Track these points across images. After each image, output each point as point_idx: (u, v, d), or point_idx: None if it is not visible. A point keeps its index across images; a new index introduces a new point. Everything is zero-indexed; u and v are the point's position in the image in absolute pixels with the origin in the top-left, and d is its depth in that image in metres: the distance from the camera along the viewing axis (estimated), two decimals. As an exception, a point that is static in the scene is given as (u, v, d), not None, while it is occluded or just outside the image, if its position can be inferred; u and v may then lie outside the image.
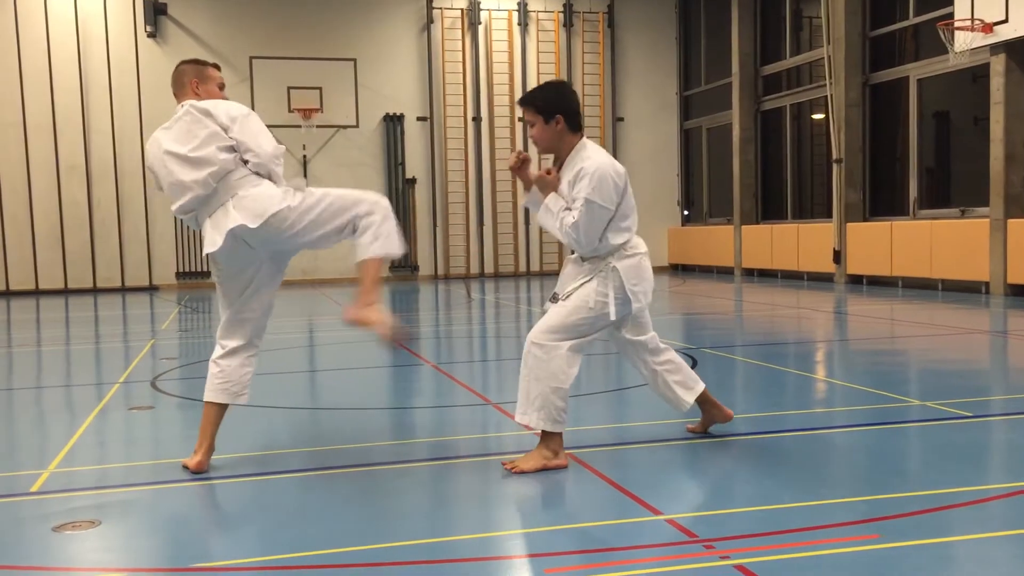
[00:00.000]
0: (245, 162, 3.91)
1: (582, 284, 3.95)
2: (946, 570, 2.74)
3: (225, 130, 3.88)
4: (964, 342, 7.90)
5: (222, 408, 4.06)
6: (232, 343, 4.09)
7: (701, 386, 4.29)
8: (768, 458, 4.06)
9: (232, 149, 3.89)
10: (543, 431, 3.88)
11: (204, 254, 3.99)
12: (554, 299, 4.02)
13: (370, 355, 7.90)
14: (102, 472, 4.15)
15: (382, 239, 3.95)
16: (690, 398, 4.26)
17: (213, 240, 3.88)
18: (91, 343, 9.52)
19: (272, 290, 4.20)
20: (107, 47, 17.25)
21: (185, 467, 3.97)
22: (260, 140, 3.93)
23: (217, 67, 4.22)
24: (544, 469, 3.82)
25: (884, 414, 4.90)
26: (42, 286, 17.23)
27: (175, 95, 4.12)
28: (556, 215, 3.95)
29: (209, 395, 4.04)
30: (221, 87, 4.15)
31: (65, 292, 17.25)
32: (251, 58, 17.49)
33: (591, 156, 3.95)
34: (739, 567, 2.73)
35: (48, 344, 9.50)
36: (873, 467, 3.90)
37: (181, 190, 3.90)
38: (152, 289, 17.65)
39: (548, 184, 4.02)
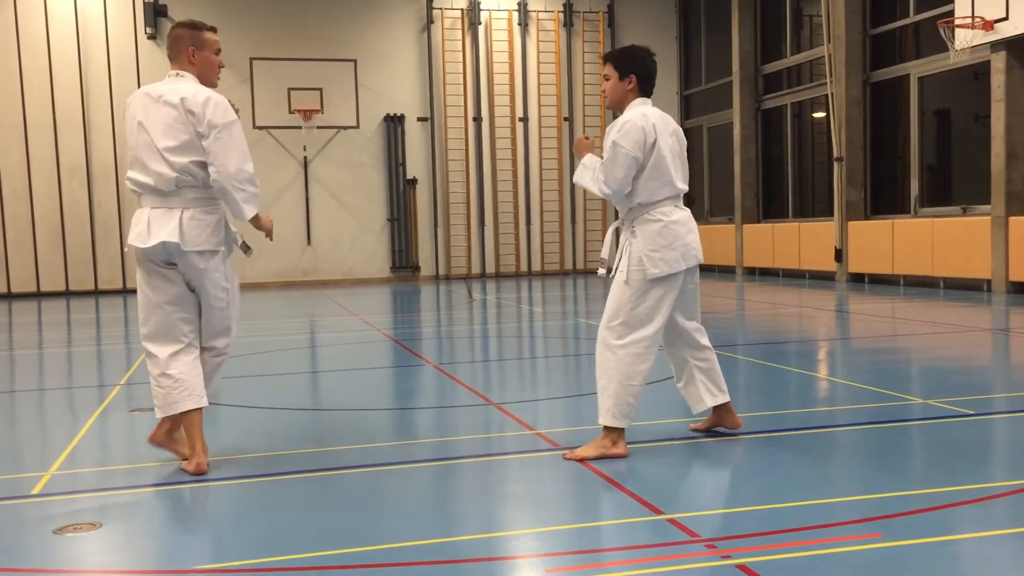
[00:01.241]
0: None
1: (620, 258, 4.14)
2: (949, 569, 2.73)
3: (201, 137, 3.84)
4: (966, 340, 7.89)
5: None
6: (168, 348, 3.99)
7: (726, 398, 4.32)
8: (770, 457, 4.06)
9: (207, 167, 3.86)
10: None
11: (128, 243, 3.97)
12: (602, 263, 4.24)
13: (372, 356, 7.90)
14: (104, 474, 4.15)
15: (210, 388, 4.12)
16: (710, 402, 4.30)
17: (143, 238, 3.87)
18: (92, 345, 9.52)
19: (194, 303, 4.06)
20: (107, 49, 17.25)
21: (184, 470, 3.97)
22: (228, 158, 3.85)
23: (214, 29, 4.15)
24: (603, 457, 3.97)
25: (886, 412, 4.89)
26: (43, 288, 17.23)
27: (170, 59, 4.05)
28: (590, 168, 4.17)
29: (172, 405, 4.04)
30: (217, 52, 4.09)
31: (66, 294, 17.25)
32: (251, 59, 17.50)
33: (632, 112, 4.11)
34: (741, 567, 2.72)
35: (50, 346, 9.51)
36: (875, 466, 3.89)
37: (142, 170, 3.89)
38: (153, 290, 17.62)
39: (583, 146, 4.28)
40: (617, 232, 4.30)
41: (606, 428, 4.04)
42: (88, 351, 9.00)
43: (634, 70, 4.16)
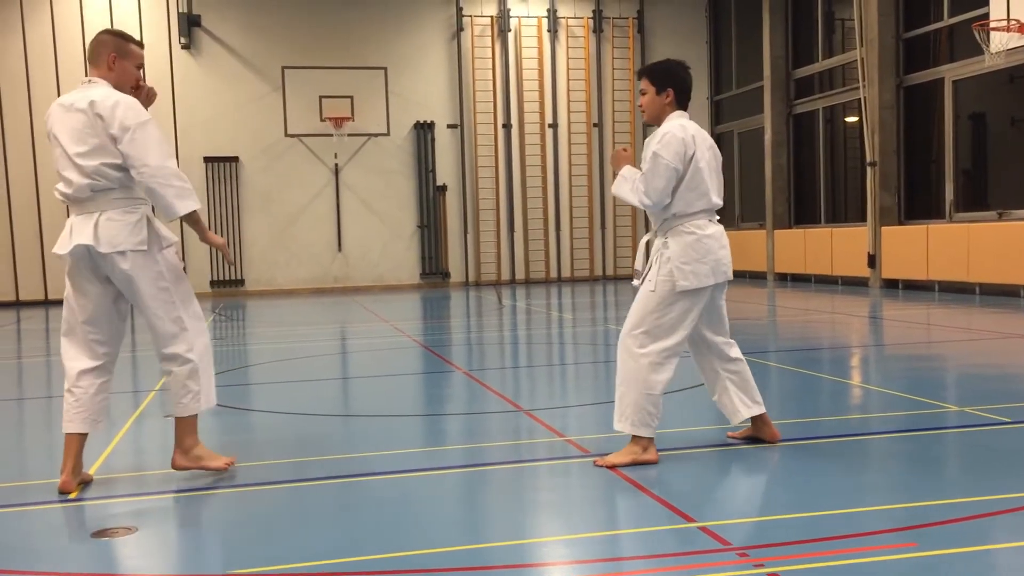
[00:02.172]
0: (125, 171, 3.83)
1: (651, 267, 4.14)
2: (986, 579, 2.69)
3: (115, 140, 3.78)
4: (1003, 347, 7.77)
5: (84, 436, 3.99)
6: (80, 364, 3.95)
7: (761, 409, 4.30)
8: (803, 465, 4.02)
9: (120, 167, 3.80)
10: None
11: (52, 252, 3.97)
12: (636, 275, 4.24)
13: (402, 362, 7.93)
14: (139, 479, 4.20)
15: (188, 399, 3.97)
16: (746, 413, 4.27)
17: (64, 244, 3.86)
18: (127, 351, 9.63)
19: (115, 324, 4.01)
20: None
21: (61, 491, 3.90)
22: (148, 156, 3.77)
23: (140, 45, 4.10)
24: (634, 464, 3.97)
25: (921, 420, 4.83)
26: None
27: (89, 63, 4.02)
28: (629, 179, 4.17)
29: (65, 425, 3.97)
30: (139, 67, 4.04)
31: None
32: (283, 68, 17.66)
33: (671, 124, 4.11)
34: (773, 575, 2.70)
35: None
36: (911, 474, 3.85)
37: (62, 181, 3.88)
38: (187, 297, 17.81)
39: (621, 158, 4.27)
40: (648, 244, 4.29)
41: (635, 435, 4.02)
42: (123, 357, 9.10)
43: (671, 84, 4.16)
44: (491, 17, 18.96)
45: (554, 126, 19.36)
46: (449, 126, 18.94)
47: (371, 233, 18.66)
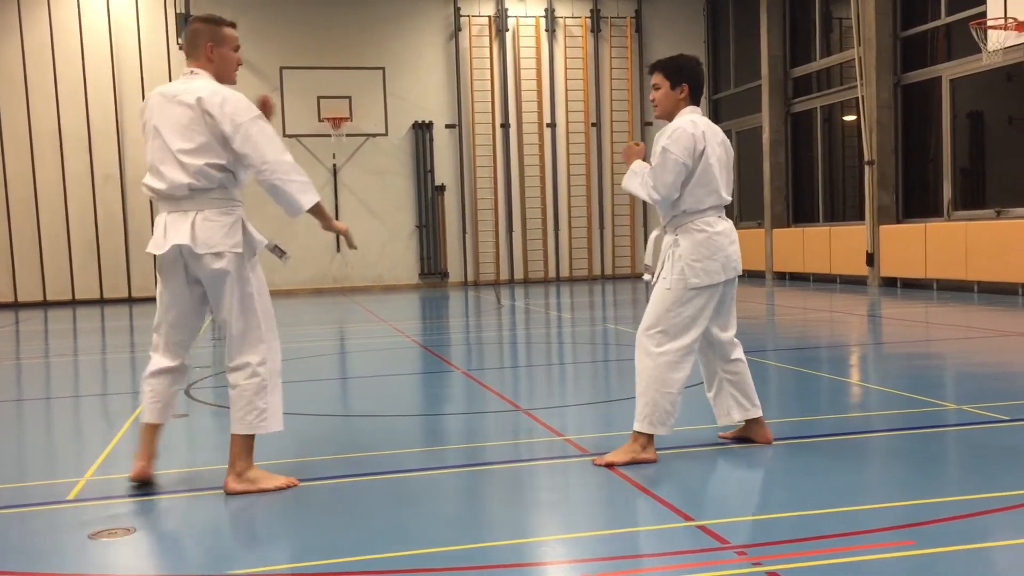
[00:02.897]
0: (225, 170, 3.74)
1: (663, 265, 4.13)
2: (984, 577, 2.70)
3: (226, 139, 3.68)
4: (1001, 345, 7.78)
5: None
6: (161, 362, 3.92)
7: (757, 413, 4.29)
8: (802, 463, 4.03)
9: (224, 168, 3.72)
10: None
11: (147, 251, 3.91)
12: (647, 270, 4.26)
13: (401, 362, 7.93)
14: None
15: (252, 417, 3.78)
16: (738, 416, 4.27)
17: (159, 243, 3.79)
18: (126, 352, 9.64)
19: (195, 327, 3.98)
20: (140, 58, 17.49)
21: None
22: (265, 152, 3.69)
23: (233, 25, 3.99)
24: (633, 462, 3.96)
25: (920, 418, 4.84)
26: (79, 296, 17.47)
27: (187, 55, 3.91)
28: (639, 174, 4.15)
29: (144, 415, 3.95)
30: (236, 48, 3.96)
31: (101, 302, 17.48)
32: (281, 68, 17.66)
33: (682, 119, 4.11)
34: (772, 574, 2.71)
35: (84, 353, 9.63)
36: (908, 472, 3.85)
37: (156, 175, 3.78)
38: (186, 298, 17.81)
39: (633, 152, 4.26)
40: (657, 239, 4.30)
41: (635, 433, 4.03)
42: (122, 358, 9.11)
43: (686, 79, 4.16)
44: (489, 17, 18.97)
45: (552, 126, 19.36)
46: (447, 126, 18.94)
47: (370, 233, 18.65)
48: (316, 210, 3.86)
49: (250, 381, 3.78)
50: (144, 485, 3.89)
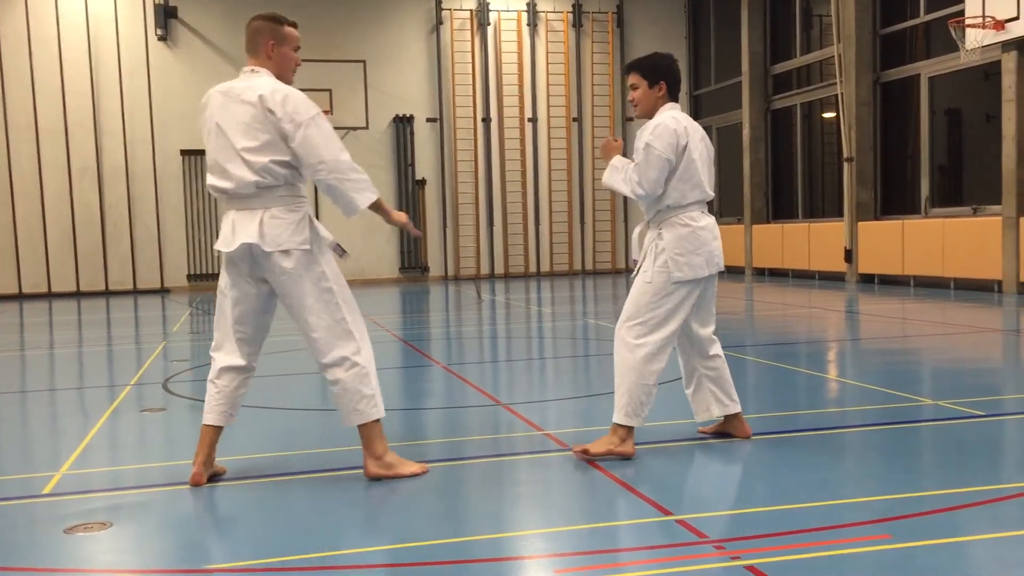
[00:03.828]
0: (290, 167, 3.73)
1: (645, 258, 4.15)
2: (959, 570, 2.72)
3: (287, 137, 3.68)
4: (976, 341, 7.86)
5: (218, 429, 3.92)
6: (225, 360, 3.89)
7: (736, 408, 4.32)
8: (780, 458, 4.05)
9: (288, 165, 3.72)
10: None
11: (216, 249, 3.88)
12: (635, 264, 4.26)
13: (381, 356, 7.91)
14: (114, 474, 4.17)
15: (364, 405, 3.79)
16: (717, 411, 4.30)
17: (227, 241, 3.76)
18: (103, 345, 9.56)
19: (261, 324, 3.96)
20: (118, 50, 17.33)
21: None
22: (323, 151, 3.69)
23: (294, 24, 3.99)
24: (610, 454, 3.98)
25: (896, 413, 4.88)
26: (54, 289, 17.31)
27: (247, 52, 3.92)
28: (621, 169, 4.16)
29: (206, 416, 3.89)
30: (296, 48, 3.96)
31: (77, 295, 17.33)
32: (261, 60, 17.50)
33: (664, 116, 4.13)
34: (750, 567, 2.72)
35: (60, 347, 9.55)
36: (886, 467, 3.88)
37: (221, 174, 3.75)
38: (164, 291, 17.72)
39: (612, 148, 4.28)
40: (641, 234, 4.30)
41: (615, 425, 4.04)
42: (99, 351, 9.04)
43: (663, 77, 4.17)
44: (470, 11, 18.92)
45: (534, 120, 19.35)
46: (428, 120, 18.89)
47: (350, 227, 18.54)
48: (375, 206, 3.89)
49: (350, 372, 3.79)
50: (200, 485, 3.82)
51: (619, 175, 4.15)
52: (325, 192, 3.78)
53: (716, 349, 4.32)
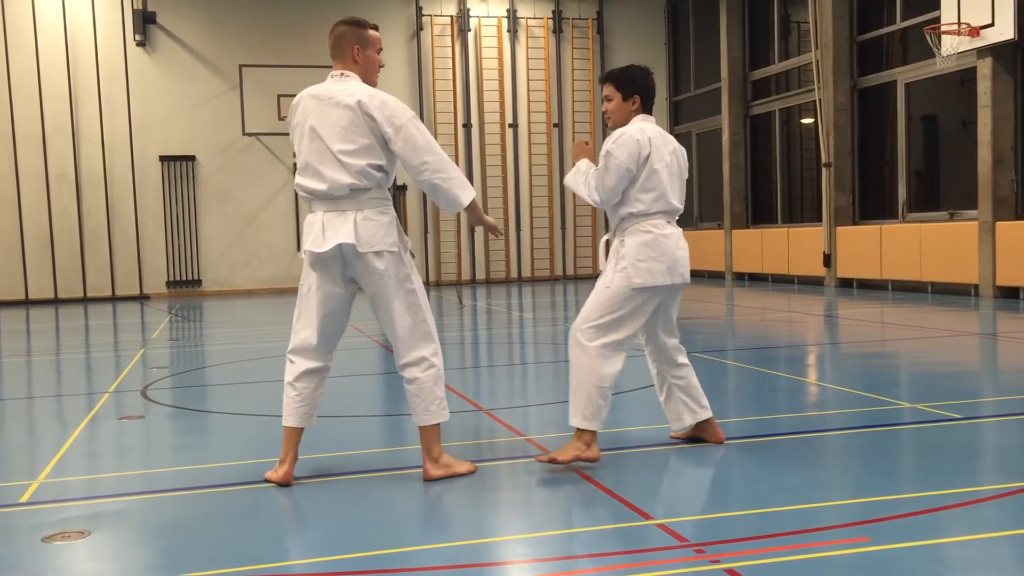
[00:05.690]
0: (382, 170, 3.78)
1: (607, 263, 4.17)
2: (937, 572, 2.74)
3: (387, 141, 3.75)
4: (954, 344, 7.93)
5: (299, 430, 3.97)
6: (305, 364, 3.92)
7: (707, 414, 4.33)
8: (759, 461, 4.07)
9: (382, 168, 3.78)
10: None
11: (304, 249, 3.87)
12: (600, 272, 4.28)
13: (362, 362, 7.89)
14: (92, 482, 4.14)
15: (435, 406, 3.89)
16: (689, 420, 4.31)
17: (319, 242, 3.78)
18: (81, 353, 9.48)
19: (341, 327, 4.00)
20: (96, 56, 17.22)
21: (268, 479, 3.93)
22: (424, 153, 3.74)
23: (376, 28, 4.05)
24: (577, 460, 3.96)
25: (875, 417, 4.92)
26: (32, 296, 17.16)
27: (332, 57, 3.97)
28: (583, 172, 4.20)
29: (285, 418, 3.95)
30: (379, 51, 4.01)
31: (55, 302, 17.19)
32: (241, 66, 17.48)
33: (630, 127, 4.13)
34: (729, 571, 2.73)
35: (38, 354, 9.47)
36: (864, 470, 3.91)
37: (315, 175, 3.78)
38: (143, 298, 17.60)
39: (582, 151, 4.32)
40: (608, 243, 4.32)
41: (578, 431, 4.01)
42: (77, 359, 8.96)
43: (637, 91, 4.17)
44: (451, 17, 18.94)
45: (514, 126, 19.38)
46: (409, 126, 18.84)
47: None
48: (470, 204, 3.91)
49: (428, 373, 3.88)
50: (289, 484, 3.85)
51: (580, 178, 4.20)
52: (428, 191, 3.86)
53: (683, 358, 4.34)
